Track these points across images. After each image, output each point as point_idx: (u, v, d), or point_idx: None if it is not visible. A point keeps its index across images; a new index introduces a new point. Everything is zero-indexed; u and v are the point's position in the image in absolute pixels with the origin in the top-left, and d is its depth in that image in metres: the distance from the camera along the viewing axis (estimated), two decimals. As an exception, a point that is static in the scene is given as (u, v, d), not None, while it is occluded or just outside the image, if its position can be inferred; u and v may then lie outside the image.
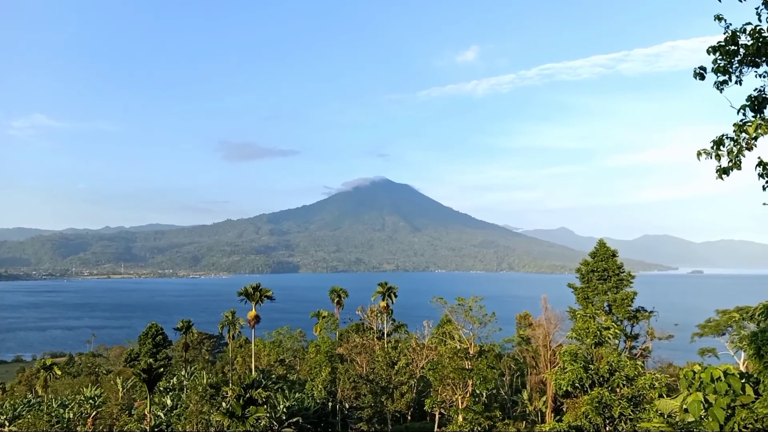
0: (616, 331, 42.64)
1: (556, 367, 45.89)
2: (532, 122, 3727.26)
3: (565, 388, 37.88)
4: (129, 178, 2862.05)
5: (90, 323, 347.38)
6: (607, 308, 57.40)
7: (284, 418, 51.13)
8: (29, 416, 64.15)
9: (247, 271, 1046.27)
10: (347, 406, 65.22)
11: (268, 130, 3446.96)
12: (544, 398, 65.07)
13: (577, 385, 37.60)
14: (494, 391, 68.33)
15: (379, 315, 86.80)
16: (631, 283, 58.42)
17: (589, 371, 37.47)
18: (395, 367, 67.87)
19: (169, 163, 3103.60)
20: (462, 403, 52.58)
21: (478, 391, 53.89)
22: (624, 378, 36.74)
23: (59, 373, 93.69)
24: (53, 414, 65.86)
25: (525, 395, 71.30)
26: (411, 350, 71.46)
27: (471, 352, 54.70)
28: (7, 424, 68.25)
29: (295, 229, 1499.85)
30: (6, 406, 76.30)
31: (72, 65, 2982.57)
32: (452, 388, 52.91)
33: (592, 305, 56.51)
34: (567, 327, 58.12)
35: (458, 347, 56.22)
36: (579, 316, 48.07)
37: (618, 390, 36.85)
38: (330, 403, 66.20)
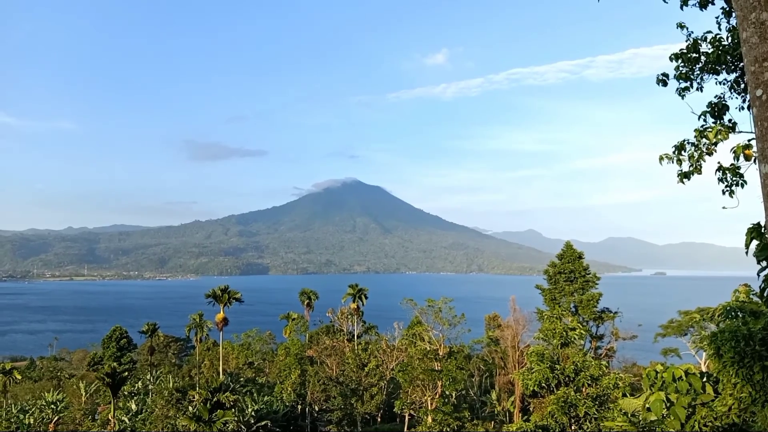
0: (582, 331, 43.44)
1: (524, 368, 46.50)
2: (499, 126, 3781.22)
3: (532, 388, 38.41)
4: (91, 179, 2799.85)
5: (53, 327, 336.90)
6: (573, 309, 58.40)
7: (252, 421, 50.53)
8: (-15, 423, 61.97)
9: (215, 272, 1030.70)
10: (317, 409, 64.86)
11: (234, 131, 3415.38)
12: (512, 398, 65.79)
13: (543, 385, 38.15)
14: (463, 392, 68.78)
15: (349, 317, 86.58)
16: (596, 284, 59.65)
17: (556, 371, 38.07)
18: (365, 368, 67.78)
19: (133, 163, 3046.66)
20: (431, 404, 52.81)
21: (447, 392, 54.20)
22: (589, 378, 37.44)
23: (19, 377, 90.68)
24: (12, 420, 63.84)
25: (494, 395, 71.97)
26: (381, 352, 71.43)
27: (441, 353, 55.01)
28: (-38, 431, 65.83)
29: (264, 231, 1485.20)
30: (-39, 414, 73.55)
31: (30, 63, 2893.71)
32: (422, 389, 53.11)
33: (559, 306, 57.38)
34: (535, 328, 58.86)
35: (428, 348, 56.47)
36: (546, 317, 48.79)
37: (583, 389, 37.53)
38: (299, 406, 65.75)
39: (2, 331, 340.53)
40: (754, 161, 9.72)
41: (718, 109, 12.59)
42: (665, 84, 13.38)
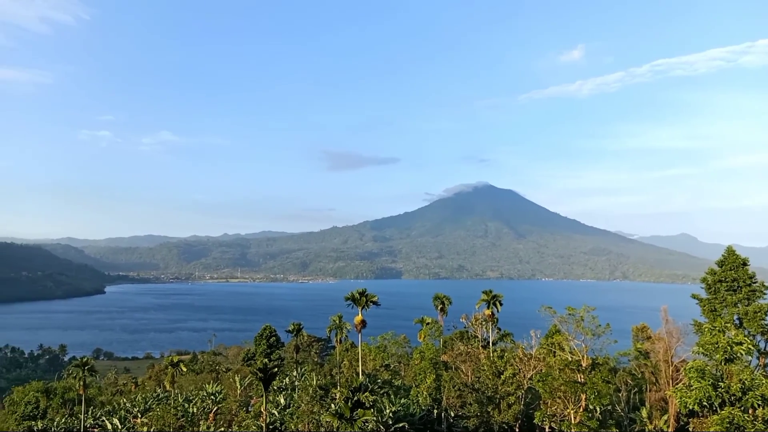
0: (749, 346, 38.82)
1: (680, 384, 42.56)
2: (642, 122, 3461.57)
3: (691, 407, 35.05)
4: (242, 189, 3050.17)
5: (213, 325, 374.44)
6: (737, 321, 52.63)
7: (390, 422, 51.80)
8: (158, 409, 69.87)
9: (352, 276, 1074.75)
10: (452, 415, 64.72)
11: (368, 140, 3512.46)
12: (665, 417, 60.51)
13: (704, 403, 34.65)
14: (609, 407, 64.59)
15: (483, 323, 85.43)
16: (764, 294, 53.18)
17: (719, 389, 34.40)
18: (501, 376, 66.35)
19: (278, 173, 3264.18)
20: (575, 417, 50.25)
21: (591, 407, 51.26)
22: (759, 398, 33.32)
23: (185, 369, 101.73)
24: (179, 408, 71.25)
25: (644, 413, 66.64)
26: (518, 360, 69.46)
27: (583, 364, 52.20)
28: (140, 416, 75.08)
29: (397, 236, 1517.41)
30: (138, 399, 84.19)
31: (187, 85, 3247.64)
32: (564, 401, 50.74)
33: (721, 318, 51.89)
34: (690, 341, 53.90)
35: (569, 359, 53.88)
36: (706, 329, 44.24)
37: (752, 411, 33.48)
38: (435, 410, 66.08)
39: (172, 329, 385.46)
40: None
41: None
42: None
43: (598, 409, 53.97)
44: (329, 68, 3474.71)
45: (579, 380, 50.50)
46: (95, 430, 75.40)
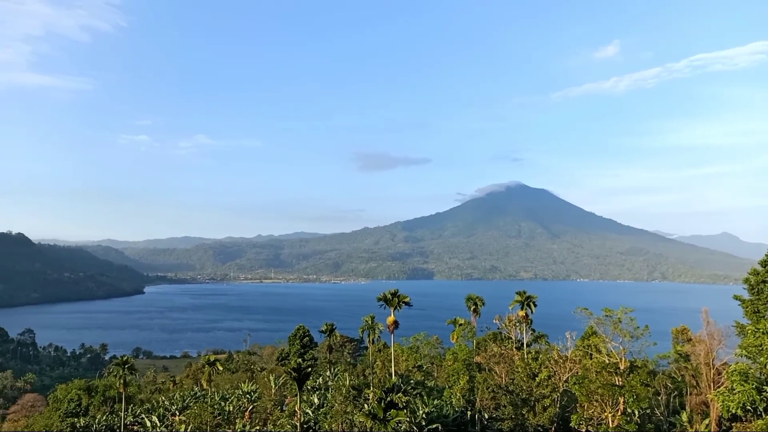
0: (798, 350, 37.34)
1: (723, 388, 41.28)
2: (680, 119, 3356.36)
3: (734, 411, 34.01)
4: (275, 190, 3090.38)
5: (248, 325, 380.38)
6: (784, 324, 50.51)
7: (423, 423, 51.69)
8: (196, 407, 71.31)
9: (383, 277, 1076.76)
10: (486, 417, 64.18)
11: (398, 141, 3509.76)
12: (706, 421, 58.78)
13: (748, 408, 33.57)
14: (648, 411, 63.12)
15: (517, 324, 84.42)
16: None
17: (764, 393, 33.24)
18: (536, 378, 65.49)
19: (310, 175, 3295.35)
20: (612, 421, 49.27)
21: (630, 410, 50.17)
22: (809, 405, 32.09)
23: (221, 368, 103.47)
24: (215, 406, 72.60)
25: (684, 417, 64.85)
26: (553, 362, 68.47)
27: (621, 367, 51.13)
28: (178, 413, 76.79)
29: (429, 236, 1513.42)
30: (176, 397, 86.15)
31: (222, 90, 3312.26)
32: (601, 404, 49.80)
33: (765, 320, 50.08)
34: (732, 344, 52.28)
35: (607, 361, 52.84)
36: (749, 331, 42.81)
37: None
38: (468, 412, 65.64)
39: (209, 328, 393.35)
40: None
41: None
42: None
43: (636, 412, 52.78)
44: (359, 69, 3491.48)
45: (617, 383, 49.48)
46: (135, 427, 77.34)
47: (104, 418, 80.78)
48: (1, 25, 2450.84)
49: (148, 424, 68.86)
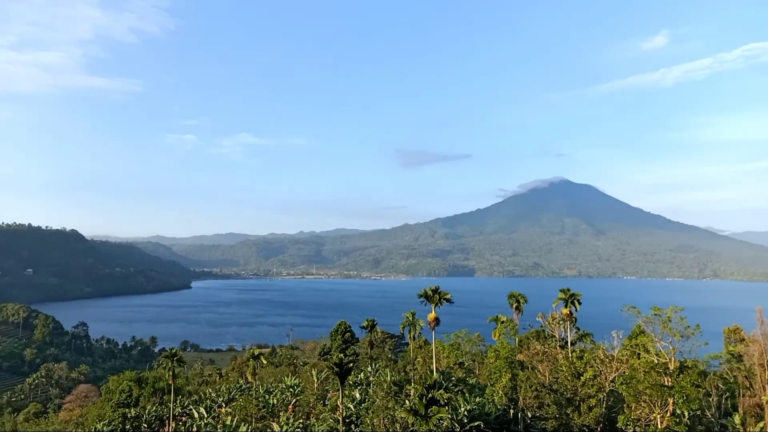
0: None
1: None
2: (732, 111, 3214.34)
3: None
4: (318, 187, 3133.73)
5: (291, 320, 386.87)
6: None
7: (465, 420, 51.38)
8: (241, 400, 72.96)
9: (424, 273, 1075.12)
10: (529, 415, 63.32)
11: (439, 137, 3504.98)
12: (761, 424, 56.42)
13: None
14: (698, 413, 61.00)
15: (561, 322, 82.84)
16: None
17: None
18: (581, 378, 64.16)
19: (352, 171, 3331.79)
20: (661, 423, 47.84)
21: (679, 411, 48.59)
22: None
23: (265, 362, 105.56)
24: (260, 399, 74.08)
25: (737, 419, 62.34)
26: (599, 362, 66.93)
27: (671, 367, 49.55)
28: (224, 405, 78.75)
29: (469, 233, 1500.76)
30: (223, 390, 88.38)
31: (268, 89, 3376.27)
32: (649, 405, 48.40)
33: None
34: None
35: (656, 361, 51.30)
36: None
37: None
38: (511, 411, 64.90)
39: (253, 323, 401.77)
40: None
41: None
42: None
43: (686, 413, 51.07)
44: (400, 67, 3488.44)
45: (666, 383, 47.99)
46: (183, 418, 79.71)
47: (154, 408, 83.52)
48: (54, 30, 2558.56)
49: (196, 415, 70.84)
